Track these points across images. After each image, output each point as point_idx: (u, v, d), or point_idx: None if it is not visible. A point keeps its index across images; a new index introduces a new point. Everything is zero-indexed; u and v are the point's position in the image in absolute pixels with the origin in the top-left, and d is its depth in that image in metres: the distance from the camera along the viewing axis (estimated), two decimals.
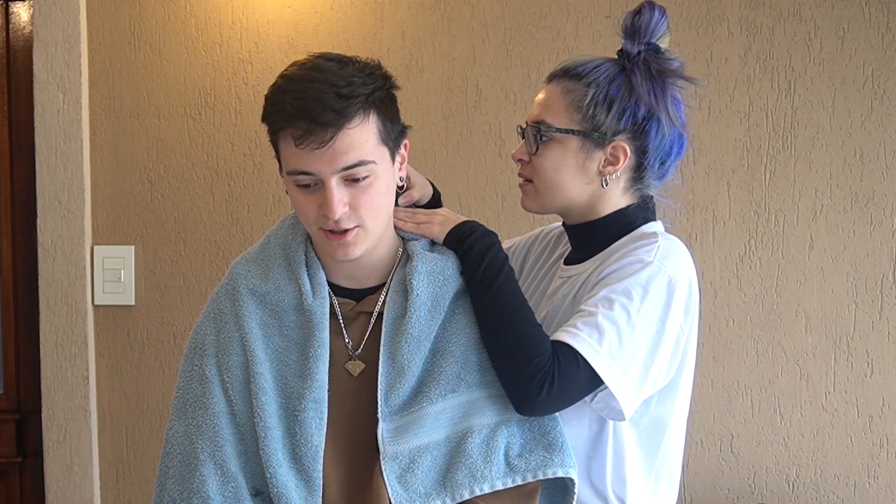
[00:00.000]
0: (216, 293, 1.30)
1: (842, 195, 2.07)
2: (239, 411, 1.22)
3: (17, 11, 2.21)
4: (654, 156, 1.33)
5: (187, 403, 1.25)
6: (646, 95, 1.29)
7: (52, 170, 2.15)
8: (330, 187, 1.15)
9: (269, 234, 1.33)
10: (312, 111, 1.11)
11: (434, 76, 2.15)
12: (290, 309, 1.24)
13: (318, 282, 1.25)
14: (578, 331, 1.20)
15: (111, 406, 2.22)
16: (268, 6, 2.16)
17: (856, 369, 2.08)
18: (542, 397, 1.18)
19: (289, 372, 1.22)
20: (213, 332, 1.27)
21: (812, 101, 2.07)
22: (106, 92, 2.19)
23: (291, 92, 1.13)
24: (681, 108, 1.35)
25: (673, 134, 1.33)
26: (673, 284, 1.24)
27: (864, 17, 2.05)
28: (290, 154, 1.15)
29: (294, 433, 1.19)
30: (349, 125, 1.13)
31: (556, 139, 1.32)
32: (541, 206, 1.38)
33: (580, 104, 1.30)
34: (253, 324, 1.24)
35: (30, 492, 2.24)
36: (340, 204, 1.15)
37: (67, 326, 2.16)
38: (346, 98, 1.12)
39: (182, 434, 1.24)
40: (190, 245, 2.20)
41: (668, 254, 1.26)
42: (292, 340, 1.23)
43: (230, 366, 1.23)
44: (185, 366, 1.28)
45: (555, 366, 1.18)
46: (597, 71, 1.31)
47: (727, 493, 2.13)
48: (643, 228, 1.34)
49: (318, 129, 1.11)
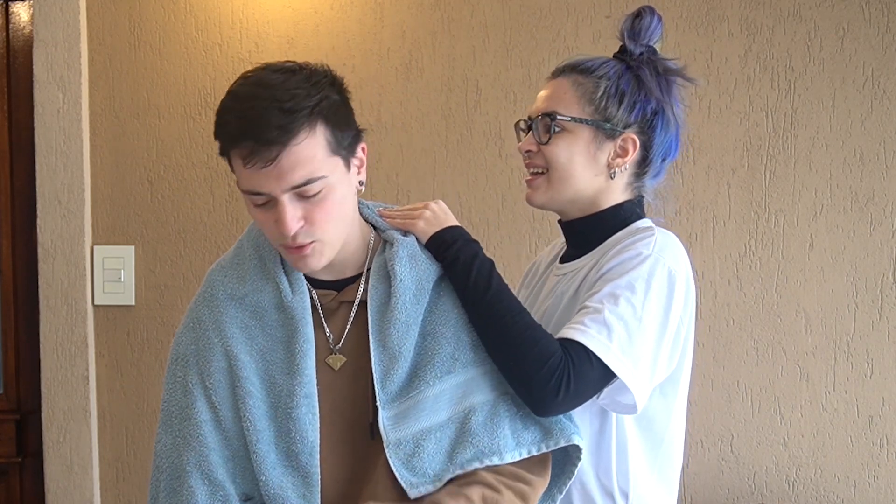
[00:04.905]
0: (194, 302, 1.30)
1: (842, 195, 2.07)
2: (224, 418, 1.21)
3: (17, 11, 2.21)
4: (658, 151, 1.36)
5: (172, 415, 1.25)
6: (656, 90, 1.33)
7: (52, 170, 2.15)
8: (283, 204, 1.12)
9: (242, 239, 1.32)
10: (255, 130, 1.08)
11: (434, 76, 2.15)
12: (271, 308, 1.24)
13: (294, 277, 1.24)
14: (587, 328, 1.20)
15: (111, 406, 2.22)
16: (268, 6, 2.16)
17: (856, 369, 2.08)
18: (559, 398, 1.18)
19: (276, 370, 1.21)
20: (193, 341, 1.26)
21: (812, 101, 2.07)
22: (106, 92, 2.19)
23: (235, 111, 1.12)
24: (680, 108, 1.38)
25: (673, 132, 1.37)
26: (673, 276, 1.26)
27: (864, 17, 2.05)
28: (240, 173, 1.13)
29: (288, 431, 1.19)
30: (294, 141, 1.09)
31: (568, 129, 1.33)
32: (549, 199, 1.37)
33: (592, 96, 1.33)
34: (234, 328, 1.23)
35: (30, 492, 2.24)
36: (294, 220, 1.13)
37: (67, 326, 2.16)
38: (290, 113, 1.09)
39: (170, 446, 1.24)
40: (190, 245, 2.20)
41: (665, 246, 1.28)
42: (276, 339, 1.23)
43: (212, 372, 1.22)
44: (167, 378, 1.28)
45: (569, 365, 1.18)
46: (605, 66, 1.35)
47: (727, 493, 2.13)
48: (637, 224, 1.37)
49: (263, 148, 1.08)
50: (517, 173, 2.12)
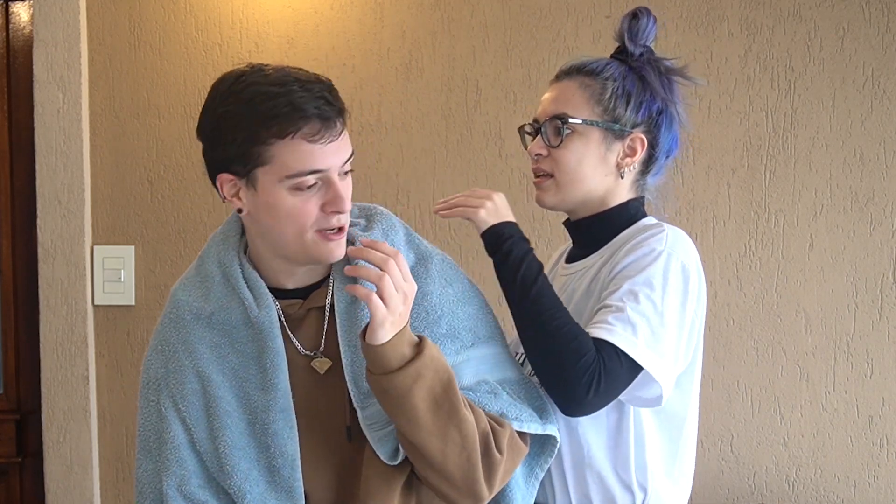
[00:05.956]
0: (161, 323, 1.29)
1: (842, 195, 2.07)
2: (199, 440, 1.21)
3: (17, 11, 2.21)
4: (663, 149, 1.39)
5: (149, 440, 1.25)
6: (660, 89, 1.36)
7: (52, 170, 2.15)
8: (337, 182, 1.14)
9: (202, 254, 1.30)
10: (324, 107, 1.12)
11: (434, 76, 2.15)
12: (240, 324, 1.22)
13: (259, 292, 1.21)
14: (612, 326, 1.22)
15: (111, 406, 2.22)
16: (268, 6, 2.16)
17: (856, 369, 2.08)
18: (590, 396, 1.20)
19: (250, 387, 1.20)
20: (162, 364, 1.25)
21: (812, 101, 2.07)
22: (106, 92, 2.19)
23: (289, 94, 1.11)
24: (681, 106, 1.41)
25: (676, 130, 1.40)
26: (687, 270, 1.29)
27: (864, 17, 2.05)
28: (298, 156, 1.12)
29: (267, 446, 1.18)
30: (346, 118, 1.16)
31: (578, 131, 1.35)
32: (560, 201, 1.39)
33: (601, 98, 1.35)
34: (203, 348, 1.22)
35: (30, 492, 2.24)
36: (348, 198, 1.16)
37: (67, 326, 2.16)
38: (334, 91, 1.15)
39: (150, 472, 1.24)
40: (190, 245, 2.20)
41: (677, 241, 1.31)
42: (247, 355, 1.21)
43: (185, 394, 1.22)
44: (141, 402, 1.27)
45: (600, 364, 1.20)
46: (609, 68, 1.37)
47: (727, 493, 2.13)
48: (644, 221, 1.39)
49: (330, 123, 1.12)
50: (517, 173, 2.12)
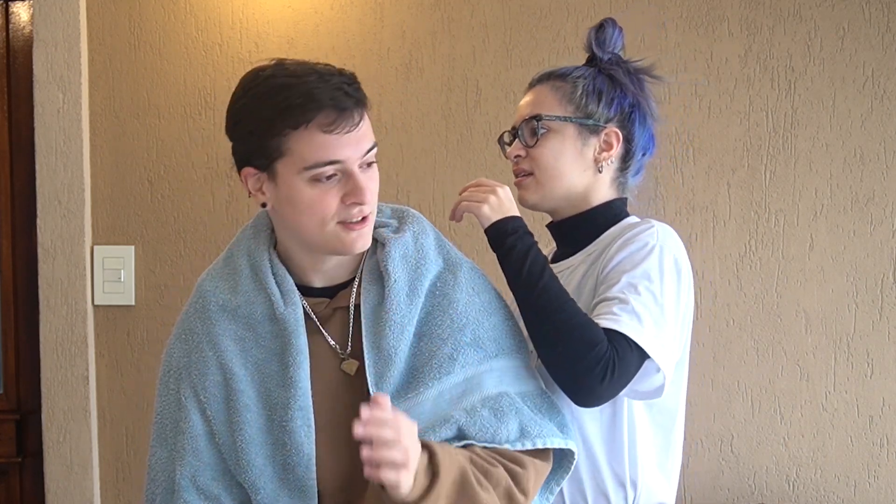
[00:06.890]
0: (185, 313, 1.28)
1: (842, 195, 2.07)
2: (219, 431, 1.20)
3: (17, 11, 2.21)
4: (639, 144, 1.44)
5: (166, 428, 1.24)
6: (630, 86, 1.41)
7: (52, 170, 2.15)
8: (357, 173, 1.14)
9: (231, 247, 1.30)
10: (340, 96, 1.11)
11: (434, 76, 2.15)
12: (264, 319, 1.21)
13: (287, 288, 1.22)
14: (618, 316, 1.24)
15: (111, 406, 2.22)
16: (268, 6, 2.16)
17: (856, 369, 2.08)
18: (604, 385, 1.21)
19: (271, 383, 1.20)
20: (185, 353, 1.25)
21: (812, 101, 2.07)
22: (106, 92, 2.19)
23: (305, 84, 1.11)
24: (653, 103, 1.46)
25: (650, 128, 1.45)
26: (679, 264, 1.32)
27: (864, 16, 2.05)
28: (314, 146, 1.12)
29: (284, 443, 1.17)
30: (366, 108, 1.15)
31: (553, 129, 1.40)
32: (541, 198, 1.43)
33: (572, 96, 1.41)
34: (228, 341, 1.22)
35: (30, 492, 2.24)
36: (369, 189, 1.15)
37: (67, 326, 2.16)
38: (357, 83, 1.14)
39: (164, 460, 1.23)
40: (190, 245, 2.20)
41: (667, 236, 1.35)
42: (270, 351, 1.21)
43: (206, 386, 1.21)
44: (160, 390, 1.27)
45: (613, 353, 1.22)
46: (579, 70, 1.44)
47: (727, 493, 2.13)
48: (628, 220, 1.43)
49: (347, 113, 1.12)
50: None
